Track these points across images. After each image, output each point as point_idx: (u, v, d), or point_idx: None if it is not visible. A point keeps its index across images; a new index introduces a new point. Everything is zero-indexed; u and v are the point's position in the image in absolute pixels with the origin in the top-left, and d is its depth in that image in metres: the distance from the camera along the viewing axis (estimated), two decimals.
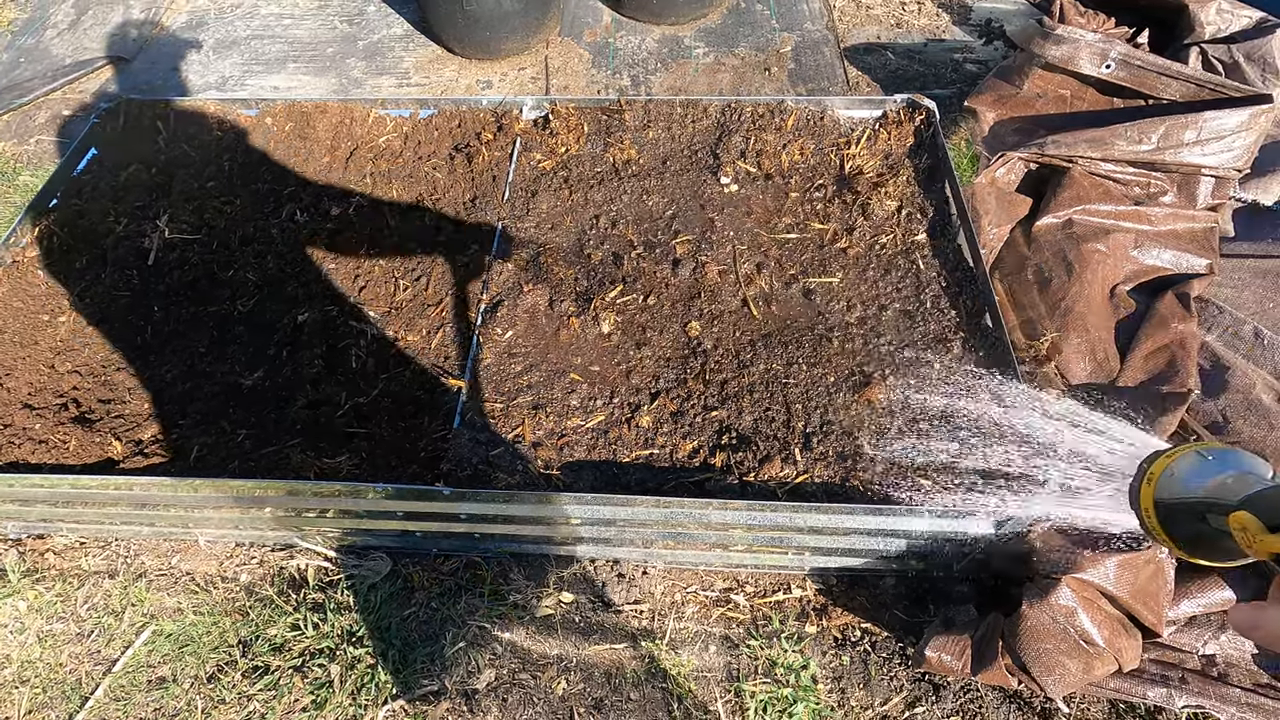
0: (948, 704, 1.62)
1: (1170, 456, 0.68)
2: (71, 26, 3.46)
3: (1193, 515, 0.64)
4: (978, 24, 3.14)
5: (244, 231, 2.05)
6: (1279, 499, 0.56)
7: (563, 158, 2.19)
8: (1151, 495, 0.68)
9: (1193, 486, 0.65)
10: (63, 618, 1.80)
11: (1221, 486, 0.62)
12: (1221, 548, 0.61)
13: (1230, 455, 0.65)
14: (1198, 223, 2.11)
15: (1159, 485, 0.67)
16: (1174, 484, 0.66)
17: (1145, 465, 0.70)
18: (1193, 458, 0.67)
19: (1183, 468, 0.66)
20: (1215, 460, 0.65)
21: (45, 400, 1.76)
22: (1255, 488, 0.59)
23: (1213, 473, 0.64)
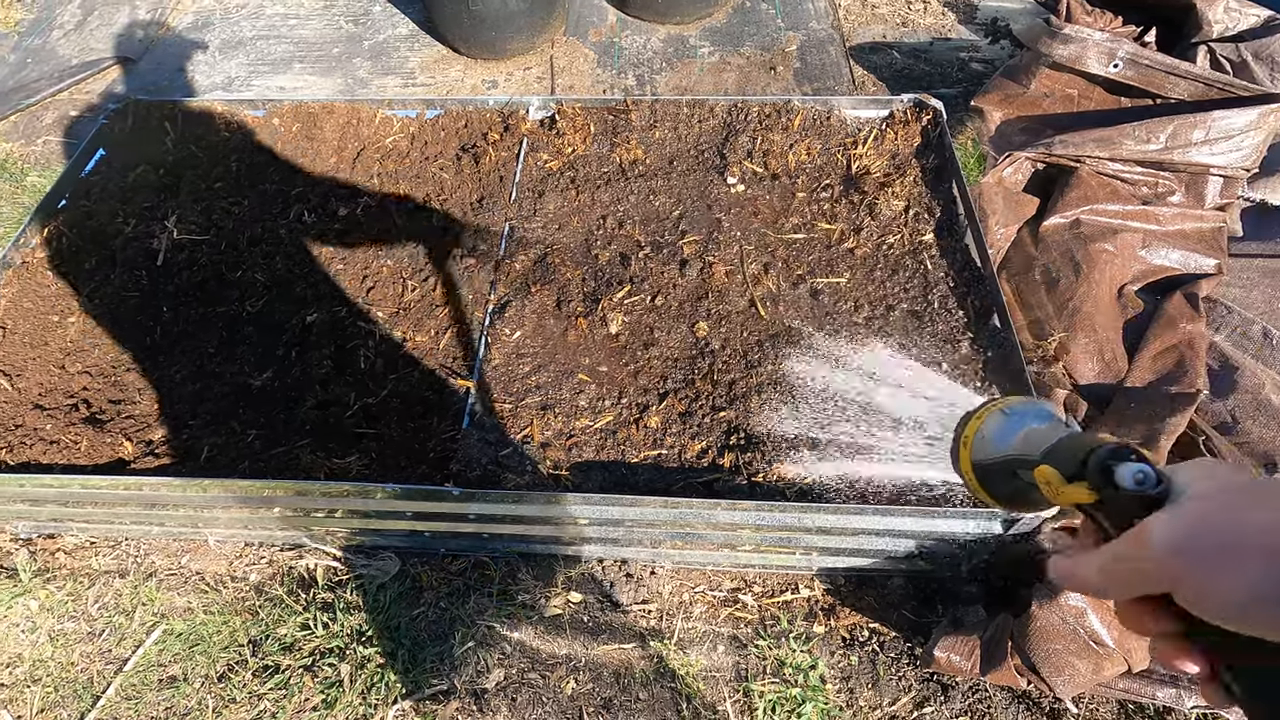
0: (956, 704, 1.62)
1: (979, 418, 0.70)
2: (78, 27, 3.46)
3: (1006, 473, 0.66)
4: (983, 23, 3.13)
5: (252, 232, 2.05)
6: (1074, 449, 0.57)
7: (569, 158, 2.19)
8: (969, 458, 0.69)
9: (1001, 445, 0.66)
10: (74, 617, 1.81)
11: (1025, 442, 0.64)
12: (1035, 500, 0.63)
13: (1029, 409, 0.67)
14: (1206, 222, 2.10)
15: (973, 447, 0.69)
16: (986, 445, 0.68)
17: (959, 429, 0.72)
18: (997, 417, 0.68)
19: (990, 428, 0.68)
20: (1016, 416, 0.67)
21: (56, 401, 1.77)
22: (1053, 439, 0.61)
23: (1016, 429, 0.66)
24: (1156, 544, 0.45)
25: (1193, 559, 0.43)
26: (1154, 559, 0.45)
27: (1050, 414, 0.66)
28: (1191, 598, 0.43)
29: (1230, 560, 0.41)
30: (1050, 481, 0.57)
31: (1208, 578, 0.42)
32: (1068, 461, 0.57)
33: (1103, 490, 0.53)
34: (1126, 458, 0.52)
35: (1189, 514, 0.45)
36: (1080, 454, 0.56)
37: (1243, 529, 0.42)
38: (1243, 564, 0.41)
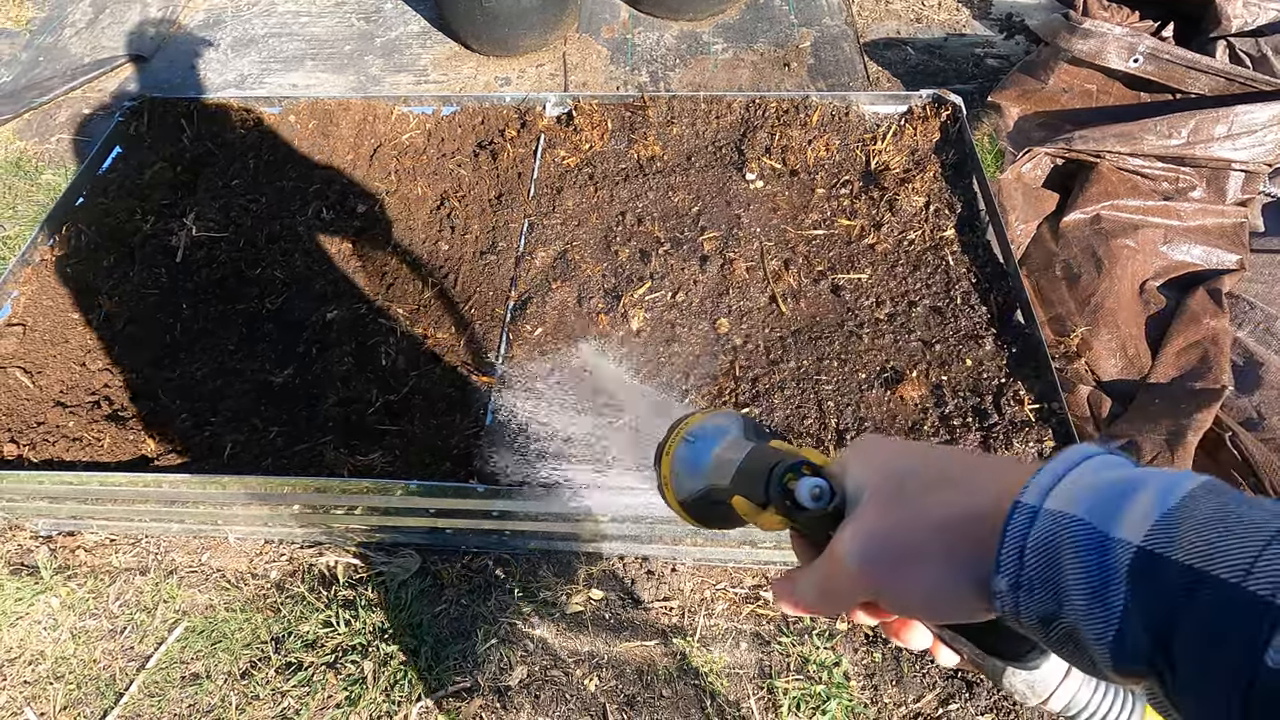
0: (981, 701, 1.61)
1: (668, 454, 0.63)
2: (89, 25, 3.46)
3: (713, 503, 0.62)
4: (998, 18, 3.12)
5: (270, 229, 2.05)
6: (754, 472, 0.54)
7: (587, 154, 2.18)
8: (675, 498, 0.64)
9: (696, 479, 0.61)
10: (95, 614, 1.81)
11: (716, 469, 0.60)
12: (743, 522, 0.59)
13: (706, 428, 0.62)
14: (1227, 218, 2.09)
15: (674, 487, 0.63)
16: (682, 483, 0.62)
17: (657, 468, 0.66)
18: (683, 448, 0.62)
19: (682, 465, 0.62)
20: (700, 443, 0.61)
21: (78, 398, 1.76)
22: (736, 462, 0.57)
23: (704, 456, 0.61)
24: (847, 560, 0.45)
25: (875, 569, 0.44)
26: (849, 576, 0.45)
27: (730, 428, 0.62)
28: (888, 603, 0.45)
29: (905, 564, 0.42)
30: (746, 513, 0.55)
31: (892, 583, 0.43)
32: (754, 487, 0.54)
33: (790, 514, 0.51)
34: (801, 472, 0.51)
35: (862, 523, 0.45)
36: (762, 477, 0.53)
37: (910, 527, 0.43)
38: (917, 566, 0.42)
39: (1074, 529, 0.34)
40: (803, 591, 0.50)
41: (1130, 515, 0.33)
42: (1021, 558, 0.36)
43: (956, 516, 0.41)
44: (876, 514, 0.45)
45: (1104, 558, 0.33)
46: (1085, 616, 0.33)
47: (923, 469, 0.45)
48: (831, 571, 0.47)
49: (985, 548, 0.38)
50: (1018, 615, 0.37)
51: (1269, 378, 1.80)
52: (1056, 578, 0.34)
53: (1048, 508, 0.36)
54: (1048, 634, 0.36)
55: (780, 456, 0.53)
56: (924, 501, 0.43)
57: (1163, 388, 1.81)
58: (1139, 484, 0.34)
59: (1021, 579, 0.36)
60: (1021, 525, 0.36)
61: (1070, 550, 0.34)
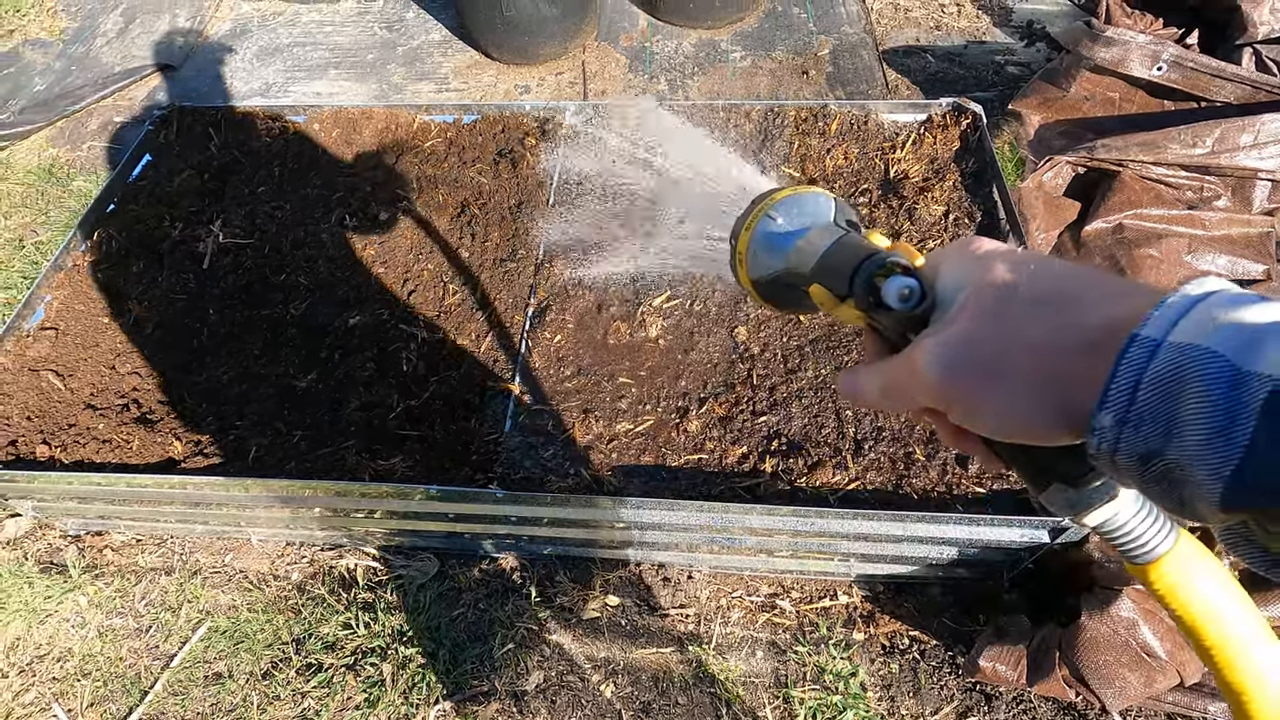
0: (1000, 714, 1.60)
1: (748, 229, 0.61)
2: (120, 35, 3.54)
3: (787, 287, 0.60)
4: (1019, 26, 3.11)
5: (295, 236, 2.09)
6: (842, 263, 0.51)
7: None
8: (748, 276, 0.62)
9: (775, 261, 0.59)
10: (121, 613, 1.85)
11: (798, 253, 0.57)
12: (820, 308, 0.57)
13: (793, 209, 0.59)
14: (1253, 227, 2.07)
15: (749, 265, 0.61)
16: (759, 262, 0.60)
17: (733, 242, 0.63)
18: (766, 225, 0.60)
19: (760, 243, 0.60)
20: (785, 221, 0.59)
21: (107, 401, 1.81)
22: (821, 250, 0.54)
23: (787, 240, 0.58)
24: (925, 369, 0.43)
25: (955, 383, 0.42)
26: (923, 382, 0.43)
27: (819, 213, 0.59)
28: (963, 419, 0.43)
29: (991, 383, 0.41)
30: (823, 303, 0.54)
31: (973, 400, 0.42)
32: (837, 278, 0.52)
33: (872, 310, 0.49)
34: (893, 271, 0.48)
35: (950, 333, 0.43)
36: (849, 269, 0.51)
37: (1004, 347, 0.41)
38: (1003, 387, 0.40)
39: (1203, 362, 0.32)
40: (866, 385, 0.49)
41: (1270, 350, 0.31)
42: (1135, 392, 0.34)
43: (1057, 342, 0.39)
44: (968, 325, 0.43)
45: (1235, 391, 0.31)
46: (1199, 453, 0.32)
47: (1026, 285, 0.42)
48: (903, 374, 0.46)
49: (1086, 379, 0.36)
50: (1115, 451, 0.35)
51: None
52: (1171, 413, 0.33)
53: (1172, 340, 0.34)
54: (1144, 470, 0.35)
55: (871, 250, 0.51)
56: (1023, 320, 0.41)
57: None
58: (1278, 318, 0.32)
59: (1130, 415, 0.34)
60: (1139, 360, 0.34)
61: (1196, 384, 0.32)
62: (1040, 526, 1.46)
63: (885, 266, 0.49)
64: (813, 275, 0.55)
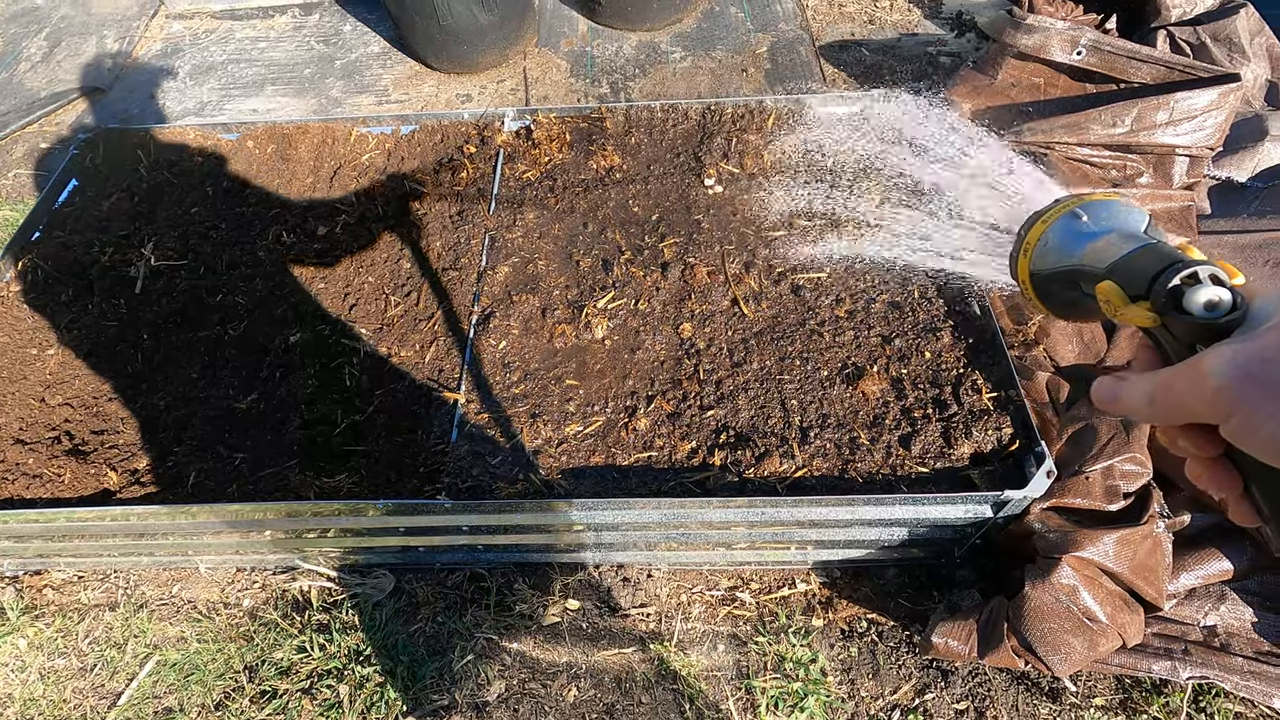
0: (957, 689, 1.63)
1: (1045, 222, 0.62)
2: (45, 59, 3.44)
3: (1067, 283, 0.60)
4: (949, 17, 3.18)
5: (230, 255, 2.04)
6: (1145, 265, 0.51)
7: (547, 167, 2.20)
8: (1027, 267, 0.63)
9: (1066, 255, 0.60)
10: (64, 653, 1.78)
11: (1094, 251, 0.58)
12: (1095, 312, 0.58)
13: (1104, 211, 0.60)
14: (1175, 202, 2.14)
15: (1034, 255, 0.62)
16: (1048, 253, 0.61)
17: (1022, 232, 0.65)
18: (1067, 220, 0.61)
19: (1057, 235, 0.61)
20: (1089, 220, 0.60)
21: (37, 434, 1.74)
22: (1124, 251, 0.54)
23: (1087, 237, 0.59)
24: (1212, 376, 0.41)
25: (1247, 393, 0.40)
26: (1207, 391, 0.42)
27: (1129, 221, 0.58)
28: (1238, 432, 0.41)
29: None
30: (1110, 300, 0.52)
31: (1258, 415, 0.39)
32: (1135, 279, 0.51)
33: (1166, 315, 0.47)
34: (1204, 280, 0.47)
35: (1258, 349, 0.41)
36: (1151, 271, 0.49)
37: None
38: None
39: None
40: (1133, 394, 0.48)
41: None
42: None
43: None
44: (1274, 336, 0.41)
45: None
46: None
47: None
48: (1182, 383, 0.44)
49: None
50: None
51: None
52: None
53: None
54: None
55: (1186, 260, 0.49)
56: None
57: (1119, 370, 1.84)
58: None
59: None
60: None
61: None
62: (983, 502, 1.49)
63: (1197, 274, 0.47)
64: (1108, 272, 0.54)
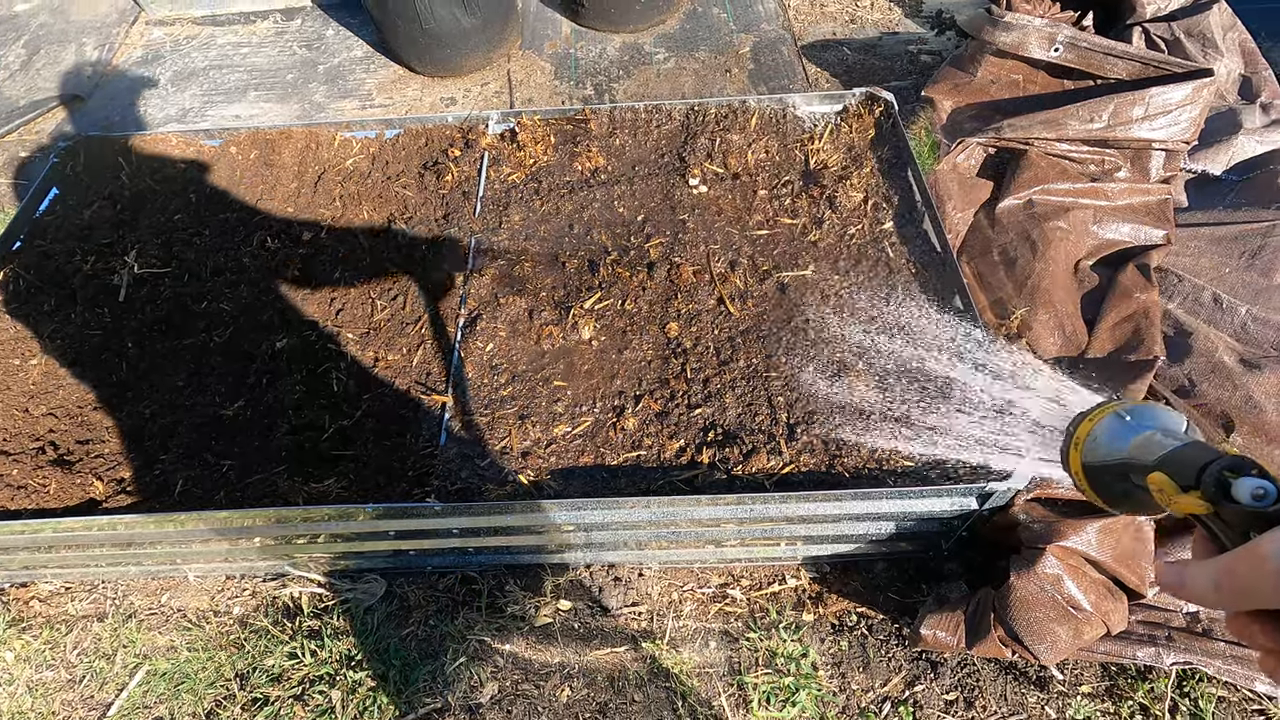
0: (946, 680, 1.64)
1: (1092, 420, 0.70)
2: (23, 67, 3.41)
3: (1118, 475, 0.66)
4: (929, 16, 3.21)
5: (215, 262, 2.03)
6: (1190, 458, 0.57)
7: (532, 169, 2.20)
8: (1079, 460, 0.70)
9: (1115, 449, 0.66)
10: (52, 665, 1.77)
11: (1140, 446, 0.64)
12: (1147, 503, 0.63)
13: (1146, 413, 0.67)
14: (1152, 195, 2.17)
15: (1084, 449, 0.69)
16: (1098, 448, 0.68)
17: (1071, 429, 0.72)
18: (1112, 419, 0.68)
19: (1104, 431, 0.68)
20: (1133, 420, 0.67)
21: (21, 445, 1.73)
22: (1169, 447, 0.60)
23: (1131, 434, 0.66)
24: (1273, 560, 0.44)
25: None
26: (1270, 575, 0.44)
27: (1170, 422, 0.65)
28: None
29: None
30: (1163, 489, 0.57)
31: None
32: (1183, 470, 0.56)
33: (1218, 503, 0.52)
34: (1247, 471, 0.51)
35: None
36: (1198, 464, 0.55)
37: None
38: None
39: None
40: (1197, 580, 0.49)
41: None
42: None
43: None
44: None
45: None
46: None
47: None
48: (1245, 567, 0.46)
49: None
50: None
51: (1198, 346, 1.87)
52: None
53: None
54: None
55: (1225, 454, 0.54)
56: None
57: (1100, 361, 1.87)
58: None
59: None
60: None
61: None
62: (968, 494, 1.51)
63: (1237, 467, 0.52)
64: (1157, 464, 0.60)
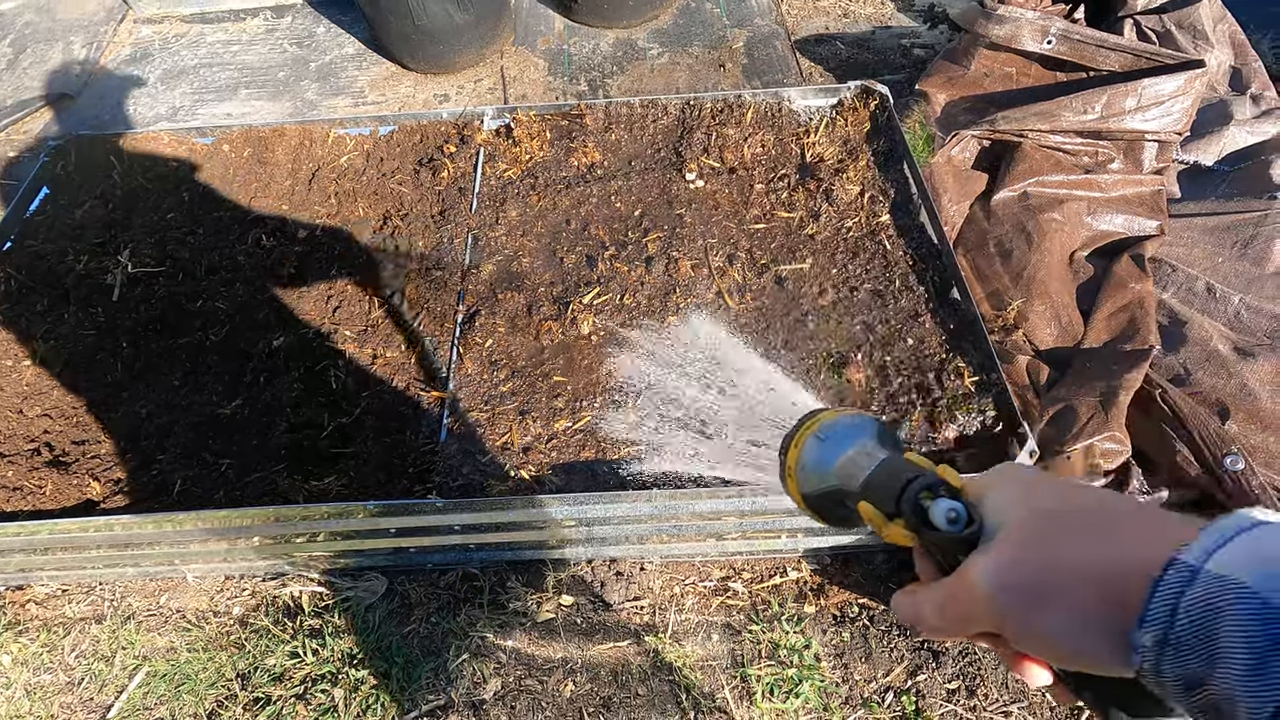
0: (948, 669, 1.65)
1: (797, 445, 0.63)
2: (10, 67, 3.37)
3: (837, 503, 0.61)
4: (921, 10, 3.22)
5: (209, 261, 2.02)
6: (888, 483, 0.53)
7: (528, 165, 2.20)
8: (797, 491, 0.63)
9: (822, 476, 0.60)
10: (50, 668, 1.76)
11: (844, 470, 0.59)
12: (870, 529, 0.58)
13: (839, 429, 0.61)
14: (1145, 186, 2.19)
15: (798, 479, 0.62)
16: (808, 476, 0.61)
17: (782, 457, 0.64)
18: (813, 444, 0.62)
19: (808, 458, 0.61)
20: (831, 441, 0.61)
21: (16, 446, 1.71)
22: (868, 469, 0.56)
23: (833, 455, 0.60)
24: (979, 586, 0.44)
25: (1011, 599, 0.43)
26: (979, 601, 0.45)
27: (864, 432, 0.60)
28: (1014, 637, 0.44)
29: (1041, 605, 0.42)
30: (873, 520, 0.54)
31: (1024, 620, 0.43)
32: (885, 497, 0.53)
33: (920, 531, 0.50)
34: (938, 493, 0.50)
35: (1001, 556, 0.45)
36: (896, 489, 0.52)
37: (1051, 571, 0.42)
38: (1052, 608, 0.41)
39: (1240, 596, 0.33)
40: (923, 605, 0.50)
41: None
42: (1173, 615, 0.35)
43: (1099, 567, 0.40)
44: (1015, 550, 0.44)
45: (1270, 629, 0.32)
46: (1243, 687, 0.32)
47: (1067, 512, 0.44)
48: (959, 595, 0.46)
49: (1127, 602, 0.37)
50: (1158, 673, 0.36)
51: (1193, 335, 1.89)
52: (1210, 642, 0.34)
53: (1209, 569, 0.35)
54: (1189, 698, 0.35)
55: (916, 472, 0.52)
56: (1065, 547, 0.42)
57: (1096, 351, 1.88)
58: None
59: (1169, 637, 0.35)
60: (1177, 583, 0.36)
61: (1232, 617, 0.33)
62: None
63: (930, 489, 0.50)
64: (861, 492, 0.56)
